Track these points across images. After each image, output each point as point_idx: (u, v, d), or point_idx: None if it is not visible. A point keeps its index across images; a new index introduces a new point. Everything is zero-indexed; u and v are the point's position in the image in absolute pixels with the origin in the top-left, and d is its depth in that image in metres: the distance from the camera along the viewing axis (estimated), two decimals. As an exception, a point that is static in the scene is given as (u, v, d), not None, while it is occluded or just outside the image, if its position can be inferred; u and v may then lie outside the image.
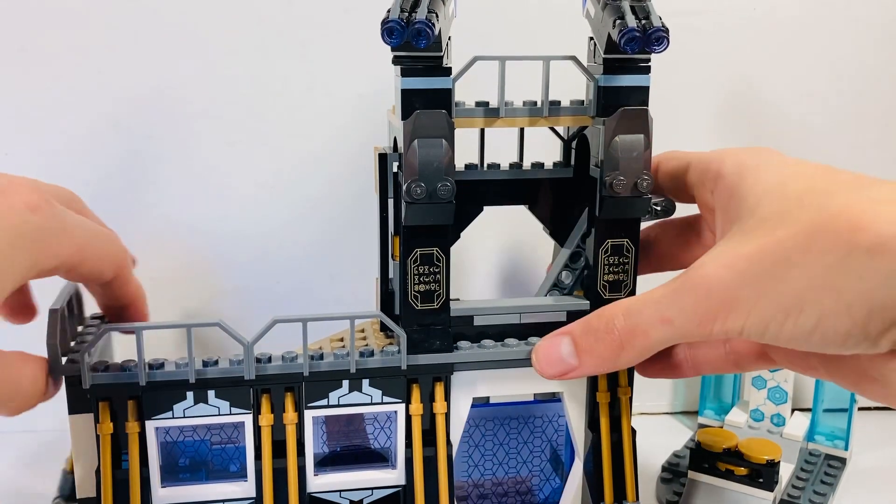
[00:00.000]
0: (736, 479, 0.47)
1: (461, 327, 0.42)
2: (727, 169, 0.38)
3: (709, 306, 0.34)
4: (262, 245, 0.58)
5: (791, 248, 0.32)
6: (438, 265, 0.41)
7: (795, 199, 0.33)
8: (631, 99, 0.40)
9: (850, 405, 0.53)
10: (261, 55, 0.55)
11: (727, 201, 0.37)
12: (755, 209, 0.35)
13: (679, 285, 0.35)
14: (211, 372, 0.39)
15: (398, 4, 0.37)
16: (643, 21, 0.38)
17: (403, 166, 0.39)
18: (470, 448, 0.48)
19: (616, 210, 0.41)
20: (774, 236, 0.33)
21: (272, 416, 0.40)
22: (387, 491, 0.42)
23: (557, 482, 0.49)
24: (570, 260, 0.46)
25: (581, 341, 0.38)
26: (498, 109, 0.41)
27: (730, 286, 0.34)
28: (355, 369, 0.40)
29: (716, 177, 0.39)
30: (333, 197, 0.58)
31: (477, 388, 0.43)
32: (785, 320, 0.33)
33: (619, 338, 0.37)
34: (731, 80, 0.59)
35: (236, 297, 0.59)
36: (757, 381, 0.55)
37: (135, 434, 0.39)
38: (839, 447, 0.54)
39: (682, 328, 0.35)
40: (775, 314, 0.33)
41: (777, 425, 0.54)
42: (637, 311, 0.36)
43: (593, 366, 0.38)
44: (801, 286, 0.32)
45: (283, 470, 0.41)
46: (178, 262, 0.58)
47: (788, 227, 0.33)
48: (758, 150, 0.39)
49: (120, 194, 0.56)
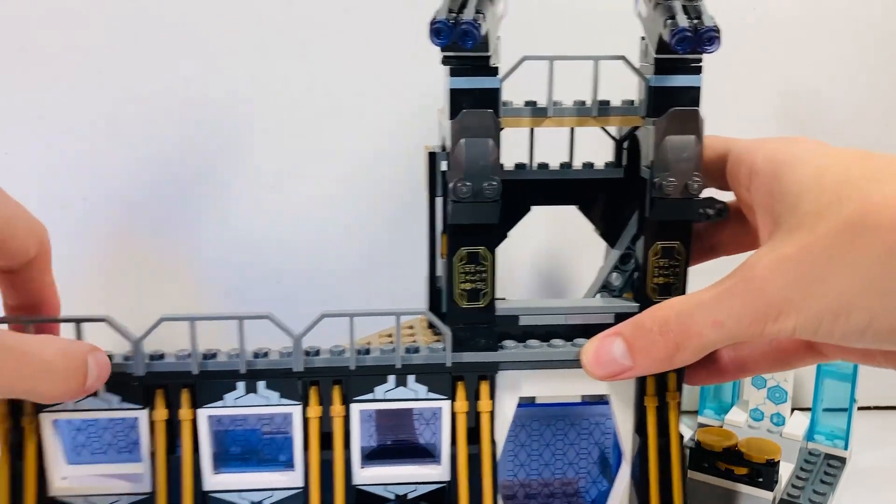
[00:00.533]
0: (736, 479, 0.47)
1: (507, 326, 0.42)
2: (760, 166, 0.38)
3: (759, 308, 0.34)
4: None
5: (833, 246, 0.32)
6: (484, 264, 0.41)
7: (833, 192, 0.33)
8: (682, 99, 0.40)
9: (850, 405, 0.53)
10: (260, 55, 0.56)
11: (766, 199, 0.37)
12: (795, 206, 0.34)
13: (730, 287, 0.35)
14: (261, 363, 0.40)
15: (446, 5, 0.37)
16: (695, 21, 0.38)
17: (450, 165, 0.39)
18: (516, 447, 0.48)
19: (666, 212, 0.41)
20: (815, 234, 0.32)
21: (320, 408, 0.41)
22: (431, 486, 0.43)
23: (605, 485, 0.48)
24: (621, 262, 0.45)
25: (634, 342, 0.38)
26: (546, 109, 0.41)
27: (778, 288, 0.33)
28: (401, 365, 0.41)
29: (750, 173, 0.38)
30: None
31: (522, 388, 0.43)
32: (835, 320, 0.32)
33: (673, 339, 0.37)
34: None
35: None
36: (757, 380, 0.54)
37: (188, 421, 0.41)
38: (839, 447, 0.54)
39: (733, 330, 0.35)
40: (825, 315, 0.32)
41: (777, 425, 0.54)
42: (689, 313, 0.36)
43: (648, 367, 0.38)
44: (847, 286, 0.32)
45: (330, 461, 0.42)
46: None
47: (829, 223, 0.32)
48: (789, 140, 0.38)
49: (119, 194, 0.57)
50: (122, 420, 0.43)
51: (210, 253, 0.60)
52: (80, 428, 0.43)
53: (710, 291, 0.36)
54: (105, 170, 0.57)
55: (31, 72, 0.55)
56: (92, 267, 0.59)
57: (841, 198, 0.32)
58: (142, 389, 0.40)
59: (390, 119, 0.58)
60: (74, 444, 0.43)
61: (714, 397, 0.58)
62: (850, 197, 0.32)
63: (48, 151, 0.56)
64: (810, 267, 0.32)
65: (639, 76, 0.41)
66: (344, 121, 0.58)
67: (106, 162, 0.57)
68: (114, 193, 0.57)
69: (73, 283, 0.44)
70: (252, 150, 0.58)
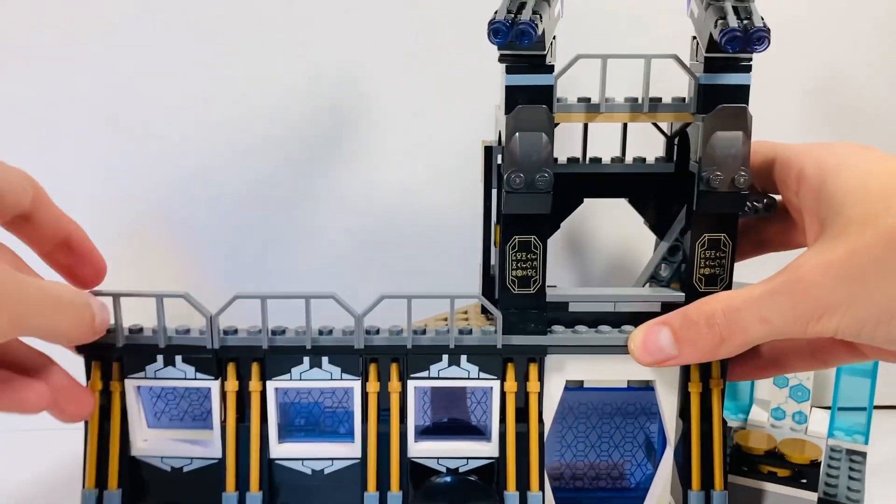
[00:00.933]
0: (779, 481, 0.47)
1: (556, 312, 0.44)
2: (808, 171, 0.39)
3: (805, 308, 0.36)
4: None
5: (879, 253, 0.33)
6: (536, 252, 0.43)
7: (880, 198, 0.34)
8: (731, 96, 0.41)
9: (870, 399, 0.53)
10: (260, 54, 0.56)
11: (813, 203, 0.38)
12: (841, 211, 0.36)
13: (777, 286, 0.37)
14: (325, 340, 0.43)
15: (505, 6, 0.39)
16: (745, 21, 0.39)
17: (505, 157, 0.41)
18: (563, 429, 0.50)
19: (713, 205, 0.42)
20: (863, 240, 0.34)
21: (378, 383, 0.44)
22: (481, 462, 0.45)
23: (649, 468, 0.50)
24: (669, 253, 0.47)
25: (681, 333, 0.40)
26: (598, 105, 0.43)
27: (824, 289, 0.35)
28: (454, 345, 0.43)
29: (798, 178, 0.40)
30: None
31: (569, 371, 0.45)
32: (877, 325, 0.34)
33: (719, 332, 0.38)
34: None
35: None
36: (779, 379, 0.54)
37: (257, 392, 0.44)
38: (859, 441, 0.54)
39: (779, 328, 0.37)
40: (868, 318, 0.34)
41: (799, 423, 0.54)
42: (736, 308, 0.38)
43: (692, 357, 0.40)
44: (891, 294, 0.33)
45: (387, 434, 0.44)
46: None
47: (876, 230, 0.34)
48: (836, 146, 0.39)
49: (119, 193, 0.58)
50: (197, 390, 0.46)
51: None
52: (160, 395, 0.46)
53: (757, 289, 0.38)
54: (105, 169, 0.58)
55: (31, 71, 0.55)
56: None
57: (889, 206, 0.34)
58: (215, 362, 0.44)
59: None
60: (154, 411, 0.47)
61: (731, 396, 0.58)
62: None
63: (49, 150, 0.57)
64: (856, 272, 0.34)
65: (689, 74, 0.42)
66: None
67: (105, 161, 0.57)
68: (115, 192, 0.58)
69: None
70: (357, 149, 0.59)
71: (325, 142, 0.57)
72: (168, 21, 0.55)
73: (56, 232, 0.43)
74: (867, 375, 0.51)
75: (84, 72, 0.55)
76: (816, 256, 0.36)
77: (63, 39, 0.55)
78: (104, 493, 0.44)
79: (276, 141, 0.57)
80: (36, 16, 0.54)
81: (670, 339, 0.40)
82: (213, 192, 0.59)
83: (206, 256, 0.61)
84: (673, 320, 0.41)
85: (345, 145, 0.57)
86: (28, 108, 0.56)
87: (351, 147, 0.58)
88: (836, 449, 0.53)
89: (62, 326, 0.38)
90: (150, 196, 0.59)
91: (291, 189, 0.58)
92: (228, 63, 0.56)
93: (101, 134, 0.56)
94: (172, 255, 0.60)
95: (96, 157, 0.57)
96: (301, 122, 0.56)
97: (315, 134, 0.57)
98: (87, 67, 0.55)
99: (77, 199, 0.45)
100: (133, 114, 0.56)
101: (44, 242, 0.43)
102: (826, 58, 0.57)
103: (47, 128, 0.56)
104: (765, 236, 0.47)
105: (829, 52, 0.57)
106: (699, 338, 0.39)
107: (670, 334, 0.40)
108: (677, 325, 0.40)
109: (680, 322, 0.40)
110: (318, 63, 0.55)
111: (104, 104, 0.56)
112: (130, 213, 0.58)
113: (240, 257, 0.61)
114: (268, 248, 0.59)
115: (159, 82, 0.56)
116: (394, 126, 0.58)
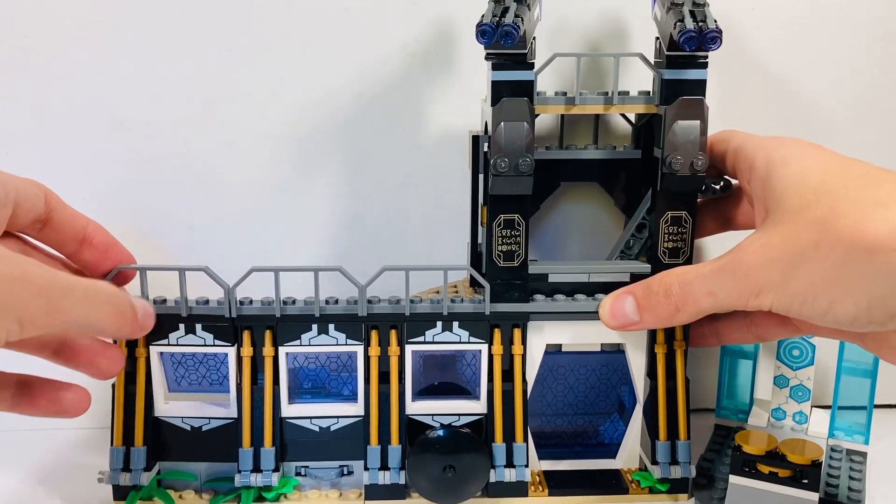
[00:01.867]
0: (780, 482, 0.47)
1: (537, 283, 0.50)
2: (758, 163, 0.44)
3: (746, 285, 0.41)
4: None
5: (806, 243, 0.39)
6: (519, 229, 0.48)
7: (813, 193, 0.39)
8: (690, 90, 0.47)
9: (870, 399, 0.54)
10: (259, 53, 0.56)
11: (760, 192, 0.44)
12: (781, 201, 0.41)
13: (723, 265, 0.42)
14: (331, 309, 0.48)
15: (490, 11, 0.45)
16: (700, 23, 0.45)
17: (491, 145, 0.47)
18: (544, 389, 0.55)
19: (674, 185, 0.48)
20: (796, 228, 0.39)
21: (379, 348, 0.49)
22: (471, 418, 0.50)
23: (621, 424, 0.56)
24: (637, 230, 0.52)
25: (643, 301, 0.45)
26: (574, 98, 0.48)
27: (761, 270, 0.40)
28: (447, 312, 0.48)
29: (750, 169, 0.45)
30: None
31: (549, 336, 0.50)
32: (804, 302, 0.39)
33: (675, 303, 0.44)
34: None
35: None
36: (780, 379, 0.56)
37: (270, 357, 0.49)
38: (859, 441, 0.55)
39: (724, 300, 0.42)
40: (796, 295, 0.39)
41: (799, 423, 0.56)
42: (689, 283, 0.44)
43: (652, 322, 0.46)
44: (814, 277, 0.38)
45: (387, 394, 0.49)
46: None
47: (806, 222, 0.39)
48: (786, 141, 0.44)
49: (121, 193, 0.58)
50: (214, 356, 0.51)
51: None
52: (181, 361, 0.51)
53: (707, 266, 0.43)
54: (106, 169, 0.57)
55: (30, 70, 0.55)
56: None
57: (819, 199, 0.39)
58: (231, 329, 0.49)
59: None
60: (175, 376, 0.51)
61: (729, 396, 0.59)
62: (824, 202, 0.38)
63: (49, 150, 0.57)
64: (789, 256, 0.39)
65: (653, 70, 0.48)
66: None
67: (106, 160, 0.57)
68: (117, 190, 0.58)
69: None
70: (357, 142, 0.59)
71: (324, 141, 0.58)
72: (168, 21, 0.55)
73: (74, 231, 0.45)
74: (867, 375, 0.53)
75: (85, 71, 0.56)
76: (757, 240, 0.41)
77: (63, 39, 0.55)
78: (131, 451, 0.49)
79: (277, 140, 0.58)
80: (36, 15, 0.55)
81: (634, 306, 0.46)
82: (213, 192, 0.59)
83: (205, 256, 0.58)
84: (637, 290, 0.46)
85: (345, 145, 0.59)
86: (28, 109, 0.56)
87: (350, 146, 0.60)
88: (836, 449, 0.55)
89: (100, 319, 0.39)
90: (151, 196, 0.59)
91: (291, 189, 0.59)
92: (228, 63, 0.57)
93: (103, 134, 0.57)
94: (171, 255, 0.59)
95: (97, 156, 0.57)
96: (301, 121, 0.58)
97: (315, 133, 0.58)
98: (88, 67, 0.55)
99: (78, 199, 0.47)
100: (134, 114, 0.57)
101: (66, 243, 0.45)
102: (788, 68, 0.59)
103: (48, 127, 0.56)
104: (727, 216, 0.52)
105: (792, 62, 0.59)
106: (658, 306, 0.44)
107: (634, 302, 0.46)
108: (640, 295, 0.46)
109: (642, 292, 0.46)
110: (318, 62, 0.57)
111: (106, 104, 0.56)
112: (131, 213, 0.58)
113: (240, 250, 0.60)
114: (269, 246, 0.60)
115: (160, 82, 0.57)
116: (390, 122, 0.60)
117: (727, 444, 0.55)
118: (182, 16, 0.55)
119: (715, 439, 0.56)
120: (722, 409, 0.59)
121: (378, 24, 0.56)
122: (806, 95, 0.58)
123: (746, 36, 0.57)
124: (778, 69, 0.58)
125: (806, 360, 0.56)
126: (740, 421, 0.58)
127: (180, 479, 0.51)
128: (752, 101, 0.58)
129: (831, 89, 0.58)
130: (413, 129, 0.58)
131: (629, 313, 0.46)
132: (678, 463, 0.50)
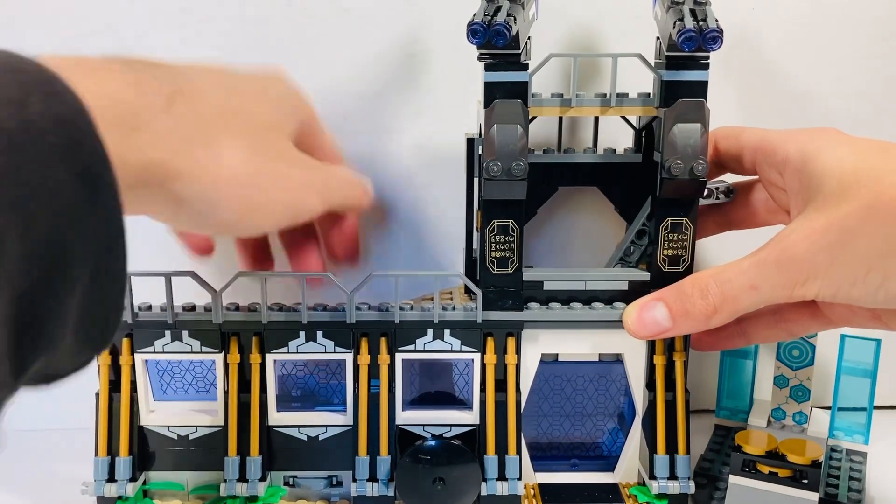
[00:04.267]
0: (780, 482, 0.47)
1: (532, 291, 0.48)
2: (792, 155, 0.43)
3: (790, 274, 0.40)
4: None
5: (855, 220, 0.38)
6: (513, 235, 0.47)
7: (853, 175, 0.39)
8: (690, 92, 0.45)
9: (870, 399, 0.53)
10: (259, 54, 0.56)
11: (797, 183, 0.43)
12: (820, 188, 0.40)
13: (764, 257, 0.41)
14: (319, 316, 0.47)
15: (482, 10, 0.43)
16: (700, 22, 0.43)
17: (484, 148, 0.45)
18: (540, 400, 0.54)
19: (674, 190, 0.46)
20: (840, 211, 0.39)
21: (369, 356, 0.48)
22: (463, 429, 0.49)
23: (620, 436, 0.54)
24: (636, 237, 0.51)
25: (675, 306, 0.44)
26: (570, 100, 0.47)
27: (807, 256, 0.40)
28: (438, 320, 0.47)
29: (783, 161, 0.44)
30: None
31: (544, 345, 0.49)
32: (854, 282, 0.39)
33: (713, 302, 0.42)
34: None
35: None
36: (779, 379, 0.56)
37: (257, 364, 0.48)
38: (859, 441, 0.55)
39: (767, 293, 0.41)
40: (845, 277, 0.39)
41: (799, 423, 0.56)
42: (727, 280, 0.42)
43: (687, 328, 0.44)
44: (865, 252, 0.38)
45: (377, 403, 0.48)
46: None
47: (851, 202, 0.39)
48: (815, 133, 0.44)
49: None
50: (201, 363, 0.50)
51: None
52: (166, 369, 0.50)
53: (745, 261, 0.42)
54: None
55: None
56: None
57: (860, 179, 0.39)
58: (219, 336, 0.48)
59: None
60: (161, 384, 0.50)
61: (729, 396, 0.59)
62: (868, 179, 0.39)
63: None
64: (834, 238, 0.39)
65: (653, 71, 0.46)
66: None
67: None
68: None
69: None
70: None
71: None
72: (168, 21, 0.56)
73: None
74: (867, 375, 0.53)
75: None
76: (799, 228, 0.40)
77: (63, 39, 0.55)
78: (115, 461, 0.48)
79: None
80: (36, 16, 0.55)
81: (665, 312, 0.44)
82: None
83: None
84: (667, 295, 0.44)
85: (344, 145, 0.59)
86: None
87: (350, 146, 0.60)
88: (836, 449, 0.54)
89: (354, 198, 0.45)
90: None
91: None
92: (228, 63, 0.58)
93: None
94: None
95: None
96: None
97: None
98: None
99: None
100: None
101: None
102: (791, 67, 0.59)
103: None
104: (728, 216, 0.51)
105: (795, 61, 0.58)
106: (694, 309, 0.43)
107: (665, 308, 0.44)
108: (672, 300, 0.44)
109: (674, 296, 0.44)
110: (318, 62, 0.57)
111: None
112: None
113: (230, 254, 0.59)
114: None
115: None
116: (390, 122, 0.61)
117: (727, 444, 0.55)
118: (182, 16, 0.55)
119: (715, 439, 0.56)
120: (722, 410, 0.59)
121: (378, 25, 0.56)
122: (806, 95, 0.57)
123: (751, 36, 0.56)
124: (778, 69, 0.57)
125: (806, 360, 0.55)
126: (740, 421, 0.57)
127: (167, 489, 0.50)
128: (753, 101, 0.57)
129: (832, 89, 0.57)
130: (413, 130, 0.57)
131: (661, 321, 0.44)
132: (677, 478, 0.49)
